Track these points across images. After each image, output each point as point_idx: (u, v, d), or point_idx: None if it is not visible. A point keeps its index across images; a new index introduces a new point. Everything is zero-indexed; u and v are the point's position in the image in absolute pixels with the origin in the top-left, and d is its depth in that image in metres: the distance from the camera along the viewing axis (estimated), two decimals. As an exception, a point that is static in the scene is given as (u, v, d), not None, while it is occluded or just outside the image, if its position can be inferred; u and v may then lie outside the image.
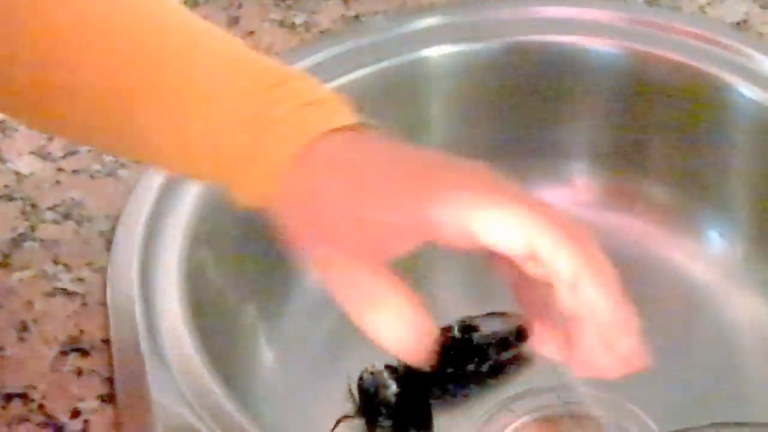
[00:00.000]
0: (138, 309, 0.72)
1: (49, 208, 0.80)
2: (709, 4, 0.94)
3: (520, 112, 0.92)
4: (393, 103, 0.90)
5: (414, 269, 0.88)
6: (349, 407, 0.79)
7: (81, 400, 0.68)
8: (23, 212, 0.80)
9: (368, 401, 0.79)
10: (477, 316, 0.84)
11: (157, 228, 0.76)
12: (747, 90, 0.86)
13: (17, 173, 0.82)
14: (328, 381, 0.79)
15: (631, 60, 0.89)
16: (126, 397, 0.67)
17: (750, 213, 0.88)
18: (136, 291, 0.73)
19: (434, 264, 0.93)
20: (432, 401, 0.81)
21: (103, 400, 0.68)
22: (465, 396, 0.83)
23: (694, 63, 0.87)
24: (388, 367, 0.80)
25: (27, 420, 0.68)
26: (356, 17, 0.94)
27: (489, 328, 0.84)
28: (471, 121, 0.93)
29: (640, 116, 0.91)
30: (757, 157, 0.87)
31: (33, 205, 0.80)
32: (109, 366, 0.70)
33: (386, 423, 0.78)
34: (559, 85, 0.91)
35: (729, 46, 0.88)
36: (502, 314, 0.85)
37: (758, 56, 0.87)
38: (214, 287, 0.79)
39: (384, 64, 0.90)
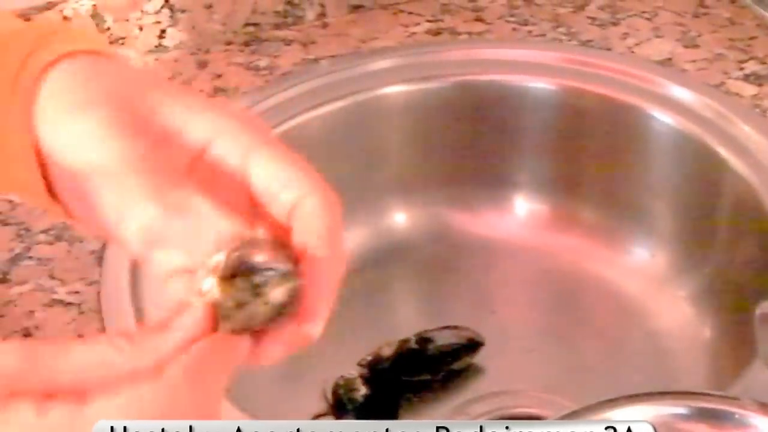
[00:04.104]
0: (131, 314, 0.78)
1: (42, 231, 0.86)
2: (637, 44, 1.01)
3: (469, 145, 0.99)
4: (352, 138, 0.97)
5: (375, 287, 0.97)
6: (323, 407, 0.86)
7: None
8: (18, 235, 0.86)
9: (339, 401, 0.87)
10: (432, 330, 0.91)
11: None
12: (665, 117, 0.93)
13: (10, 201, 0.88)
14: (301, 385, 0.85)
15: (565, 95, 0.97)
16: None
17: (673, 229, 0.96)
18: (127, 299, 0.80)
19: (394, 282, 1.00)
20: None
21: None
22: (423, 401, 0.89)
23: (619, 96, 0.95)
24: (361, 375, 0.88)
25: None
26: (315, 60, 1.01)
27: (443, 340, 0.91)
28: (424, 154, 1.00)
29: (574, 146, 0.98)
30: (676, 177, 0.94)
31: (27, 229, 0.86)
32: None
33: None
34: (503, 119, 0.98)
35: (651, 80, 0.95)
36: (455, 327, 0.92)
37: (676, 88, 0.94)
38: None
39: (342, 102, 0.96)
